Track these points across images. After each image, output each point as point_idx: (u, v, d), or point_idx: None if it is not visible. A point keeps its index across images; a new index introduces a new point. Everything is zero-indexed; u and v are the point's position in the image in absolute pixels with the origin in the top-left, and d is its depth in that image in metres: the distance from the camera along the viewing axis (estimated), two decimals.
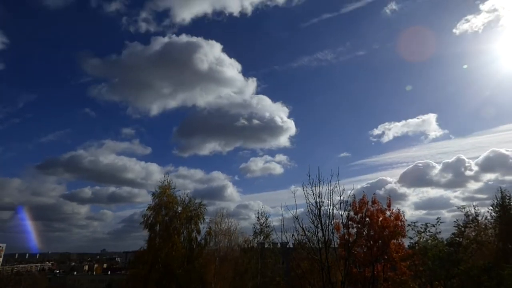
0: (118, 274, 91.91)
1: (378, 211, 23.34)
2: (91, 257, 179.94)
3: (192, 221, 25.16)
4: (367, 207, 23.47)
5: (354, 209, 22.82)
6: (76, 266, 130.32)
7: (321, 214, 16.80)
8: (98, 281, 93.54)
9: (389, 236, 21.97)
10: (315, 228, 16.93)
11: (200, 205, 26.09)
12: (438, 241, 19.07)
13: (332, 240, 17.88)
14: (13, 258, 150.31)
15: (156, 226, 24.12)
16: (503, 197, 22.11)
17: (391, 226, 22.30)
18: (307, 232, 17.48)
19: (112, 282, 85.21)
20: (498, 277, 16.33)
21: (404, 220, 22.88)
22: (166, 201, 25.03)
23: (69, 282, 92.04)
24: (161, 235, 23.88)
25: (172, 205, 25.14)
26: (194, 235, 25.18)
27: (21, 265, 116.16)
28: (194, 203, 26.10)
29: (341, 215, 18.35)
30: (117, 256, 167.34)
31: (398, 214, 23.17)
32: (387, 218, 22.83)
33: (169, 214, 24.78)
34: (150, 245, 23.61)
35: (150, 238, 23.86)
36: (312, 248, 17.38)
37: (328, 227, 16.88)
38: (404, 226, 22.38)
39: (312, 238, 17.42)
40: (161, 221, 24.26)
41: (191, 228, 25.16)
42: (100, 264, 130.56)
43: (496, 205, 22.45)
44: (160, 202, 24.84)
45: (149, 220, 24.12)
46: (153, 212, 24.40)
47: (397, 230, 22.19)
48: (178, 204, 25.63)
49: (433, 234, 19.28)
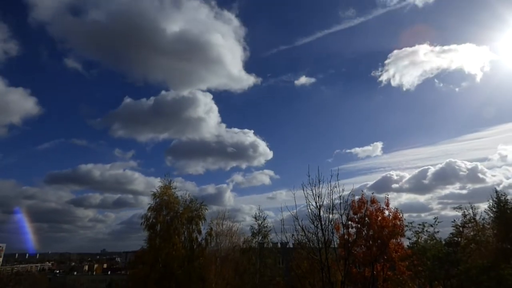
0: (118, 274, 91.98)
1: (377, 211, 23.38)
2: (91, 257, 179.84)
3: (193, 221, 25.00)
4: (366, 206, 23.52)
5: (353, 209, 22.88)
6: (76, 266, 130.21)
7: (321, 214, 16.95)
8: (98, 281, 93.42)
9: (388, 236, 22.04)
10: (315, 228, 17.05)
11: (201, 206, 25.97)
12: (437, 241, 19.16)
13: (332, 240, 17.99)
14: (13, 258, 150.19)
15: (157, 226, 23.97)
16: (498, 197, 22.20)
17: (390, 225, 22.37)
18: (307, 232, 17.61)
19: (112, 282, 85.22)
20: (498, 277, 16.41)
21: (403, 220, 23.01)
22: (167, 201, 24.88)
23: (69, 282, 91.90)
24: (161, 235, 23.69)
25: (173, 205, 24.99)
26: (195, 235, 25.02)
27: (21, 265, 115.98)
28: (196, 203, 25.98)
29: (340, 215, 18.46)
30: (117, 256, 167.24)
31: (396, 213, 23.27)
32: (386, 218, 22.88)
33: (170, 214, 24.64)
34: (151, 245, 23.46)
35: (151, 238, 23.68)
36: (312, 248, 17.48)
37: (328, 227, 17.00)
38: (403, 226, 22.49)
39: (312, 238, 17.54)
40: (162, 221, 24.09)
41: (192, 229, 24.99)
42: (100, 264, 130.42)
43: (492, 206, 22.56)
44: (161, 202, 24.68)
45: (150, 220, 23.97)
46: (154, 212, 24.25)
47: (396, 229, 22.28)
48: (180, 204, 25.48)
49: (431, 234, 19.38)
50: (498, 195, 22.26)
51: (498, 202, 22.01)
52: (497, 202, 22.09)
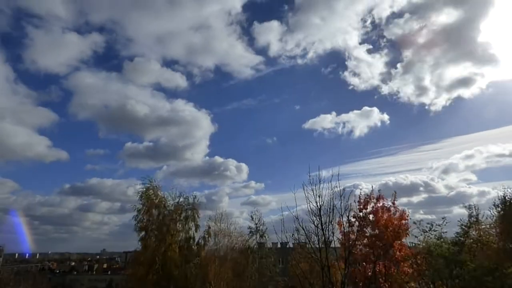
0: (118, 274, 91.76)
1: (382, 209, 22.84)
2: (91, 257, 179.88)
3: (189, 219, 24.31)
4: (373, 203, 22.99)
5: (359, 206, 22.42)
6: (76, 266, 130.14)
7: (321, 213, 16.65)
8: (98, 281, 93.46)
9: (393, 236, 21.52)
10: (315, 228, 16.78)
11: (194, 203, 25.04)
12: (443, 241, 18.88)
13: (333, 240, 17.70)
14: (13, 258, 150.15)
15: (149, 227, 23.29)
16: (504, 195, 21.78)
17: (395, 224, 21.85)
18: (307, 232, 17.32)
19: (112, 282, 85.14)
20: (502, 277, 16.11)
21: (408, 219, 22.55)
22: (155, 200, 23.95)
23: (69, 282, 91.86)
24: (155, 236, 23.12)
25: (162, 203, 24.10)
26: (191, 234, 24.41)
27: (21, 265, 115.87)
28: (188, 201, 25.04)
29: (341, 214, 18.11)
30: (117, 256, 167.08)
31: (403, 213, 22.80)
32: (392, 217, 22.37)
33: (162, 213, 23.84)
34: (144, 245, 22.89)
35: (144, 238, 23.04)
36: (312, 248, 17.20)
37: (328, 226, 16.70)
38: (408, 225, 22.06)
39: (312, 238, 17.25)
40: (154, 220, 23.42)
41: (187, 227, 24.33)
42: (100, 264, 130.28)
43: (497, 205, 22.15)
44: (150, 202, 23.68)
45: (142, 222, 23.16)
46: (144, 212, 23.38)
47: (402, 229, 21.79)
48: (168, 202, 24.57)
49: (439, 234, 19.08)
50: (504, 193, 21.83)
51: (504, 201, 21.61)
52: (501, 201, 21.69)
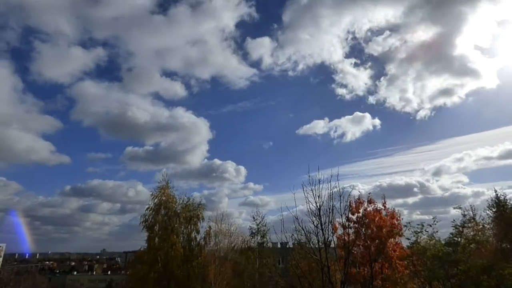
0: (118, 274, 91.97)
1: (374, 211, 23.59)
2: (91, 257, 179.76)
3: (192, 221, 24.88)
4: (364, 206, 23.71)
5: (351, 210, 22.98)
6: (76, 266, 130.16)
7: (321, 214, 16.93)
8: (98, 281, 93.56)
9: (386, 235, 22.14)
10: (315, 228, 17.04)
11: (200, 205, 25.88)
12: (436, 241, 19.15)
13: (332, 240, 18.01)
14: (13, 258, 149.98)
15: (155, 226, 23.87)
16: (497, 197, 22.13)
17: (387, 225, 22.51)
18: (306, 232, 17.58)
19: (112, 282, 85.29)
20: (498, 277, 16.35)
21: (400, 219, 23.10)
22: (165, 200, 24.75)
23: (69, 282, 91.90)
24: (160, 235, 23.62)
25: (171, 205, 24.87)
26: (194, 235, 24.94)
27: (21, 265, 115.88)
28: (194, 203, 25.89)
29: (340, 215, 18.45)
30: (117, 256, 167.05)
31: (393, 213, 23.44)
32: (383, 217, 23.06)
33: (169, 213, 24.52)
34: (149, 245, 23.40)
35: (149, 238, 23.61)
36: (311, 248, 17.45)
37: (328, 227, 16.98)
38: (401, 225, 22.56)
39: (312, 238, 17.51)
40: (161, 221, 23.99)
41: (191, 228, 24.89)
42: (100, 264, 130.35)
43: (492, 205, 22.50)
44: (159, 202, 24.56)
45: (149, 221, 23.85)
46: (152, 212, 24.14)
47: (394, 229, 22.38)
48: (177, 203, 25.35)
49: (431, 234, 19.38)
50: (497, 194, 22.21)
51: (498, 201, 21.96)
52: (496, 201, 22.04)
